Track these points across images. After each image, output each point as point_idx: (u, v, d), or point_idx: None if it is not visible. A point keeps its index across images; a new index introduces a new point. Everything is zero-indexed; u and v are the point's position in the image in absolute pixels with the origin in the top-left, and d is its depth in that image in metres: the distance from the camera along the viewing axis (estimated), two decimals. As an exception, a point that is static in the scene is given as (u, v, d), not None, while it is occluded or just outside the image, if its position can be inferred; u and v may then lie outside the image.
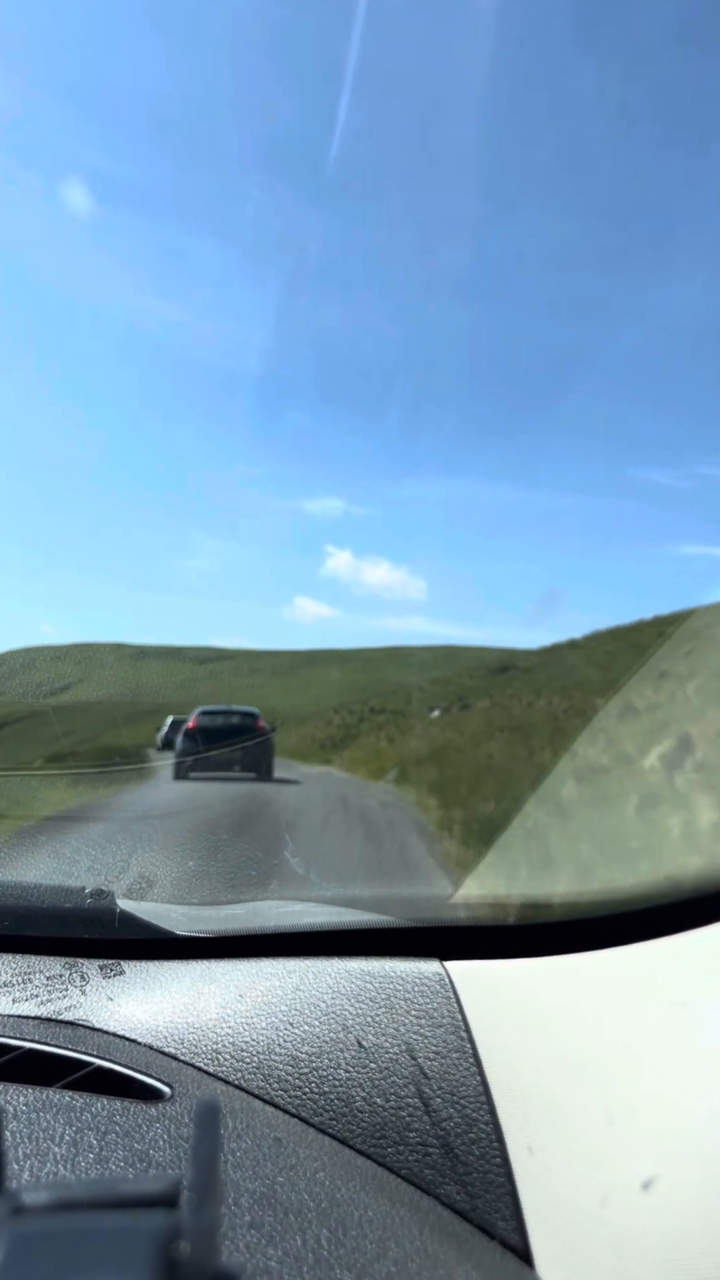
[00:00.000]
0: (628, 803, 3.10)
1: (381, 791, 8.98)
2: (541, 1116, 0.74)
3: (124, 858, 3.58)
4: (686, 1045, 0.68)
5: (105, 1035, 0.90)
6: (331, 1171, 0.71)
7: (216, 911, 1.21)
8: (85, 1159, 0.67)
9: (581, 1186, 0.66)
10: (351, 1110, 0.80)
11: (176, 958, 1.01)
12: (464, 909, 1.17)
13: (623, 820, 2.62)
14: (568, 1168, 0.69)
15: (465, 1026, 0.84)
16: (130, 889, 1.45)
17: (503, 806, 6.86)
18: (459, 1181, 0.74)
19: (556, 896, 1.08)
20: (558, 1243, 0.67)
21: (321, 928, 1.04)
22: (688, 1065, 0.66)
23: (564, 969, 0.85)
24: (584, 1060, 0.73)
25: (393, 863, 4.84)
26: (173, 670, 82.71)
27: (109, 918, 1.03)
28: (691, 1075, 0.65)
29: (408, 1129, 0.78)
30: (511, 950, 0.91)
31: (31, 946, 1.04)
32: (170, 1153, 0.69)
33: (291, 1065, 0.85)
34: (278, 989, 0.93)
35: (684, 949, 0.78)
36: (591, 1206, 0.64)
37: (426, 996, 0.88)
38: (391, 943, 0.98)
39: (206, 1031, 0.89)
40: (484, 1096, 0.78)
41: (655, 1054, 0.69)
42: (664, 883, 0.89)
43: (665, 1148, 0.63)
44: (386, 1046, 0.84)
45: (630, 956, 0.81)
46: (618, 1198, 0.63)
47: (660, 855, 1.93)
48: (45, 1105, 0.74)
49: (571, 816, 2.50)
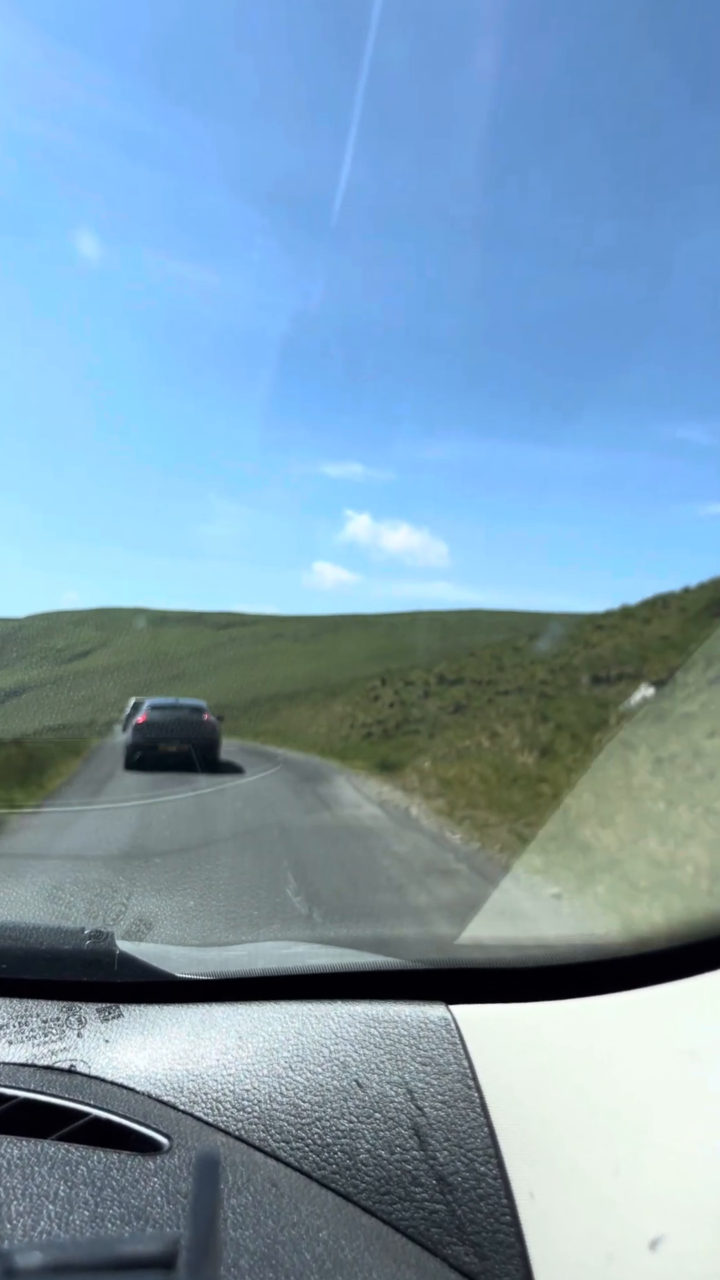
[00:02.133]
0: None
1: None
2: (549, 1169, 0.72)
3: (123, 899, 3.49)
4: (696, 1096, 0.67)
5: (102, 1083, 0.87)
6: (335, 1230, 0.68)
7: (218, 953, 1.18)
8: (80, 1216, 0.65)
9: (588, 1244, 0.64)
10: (355, 1164, 0.77)
11: (176, 1001, 0.99)
12: (470, 950, 1.15)
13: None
14: (574, 1224, 0.67)
15: (472, 1074, 0.82)
16: (129, 930, 1.34)
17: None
18: (467, 1241, 0.71)
19: (564, 939, 1.06)
20: (561, 1263, 0.64)
21: (324, 970, 1.01)
22: (697, 1118, 0.65)
23: (572, 1013, 0.83)
24: (592, 1111, 0.72)
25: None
26: (193, 636, 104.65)
27: (108, 960, 1.00)
28: (701, 1129, 0.64)
29: (414, 1184, 0.75)
30: (519, 993, 0.89)
31: (29, 989, 1.01)
32: (168, 1209, 0.66)
33: (294, 1115, 0.82)
34: (279, 1034, 0.90)
35: (694, 993, 0.77)
36: (598, 1265, 0.62)
37: (432, 1042, 0.86)
38: (396, 985, 0.96)
39: (206, 1079, 0.87)
40: (492, 1149, 0.76)
41: (665, 1104, 0.68)
42: (674, 926, 0.86)
43: (673, 1206, 0.62)
44: (391, 1096, 0.82)
45: (640, 1001, 0.80)
46: (624, 1256, 0.61)
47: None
48: (40, 1158, 0.72)
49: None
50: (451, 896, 4.34)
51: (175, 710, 12.03)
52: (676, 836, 4.89)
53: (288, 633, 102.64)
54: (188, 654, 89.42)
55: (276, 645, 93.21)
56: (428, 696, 21.38)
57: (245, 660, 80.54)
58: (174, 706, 12.20)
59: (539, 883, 4.36)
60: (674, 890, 4.02)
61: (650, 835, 4.91)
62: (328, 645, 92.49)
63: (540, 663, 16.96)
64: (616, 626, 16.86)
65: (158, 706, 11.97)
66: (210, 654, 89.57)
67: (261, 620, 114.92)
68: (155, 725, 11.56)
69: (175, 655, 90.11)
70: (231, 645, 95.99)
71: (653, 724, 8.02)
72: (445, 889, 4.54)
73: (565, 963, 0.92)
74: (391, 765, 12.05)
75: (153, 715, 11.69)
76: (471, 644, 32.99)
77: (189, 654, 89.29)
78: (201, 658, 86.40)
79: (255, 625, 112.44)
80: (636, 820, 5.26)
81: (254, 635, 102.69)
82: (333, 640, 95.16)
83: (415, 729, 17.29)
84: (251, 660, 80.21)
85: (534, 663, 17.51)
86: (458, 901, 4.22)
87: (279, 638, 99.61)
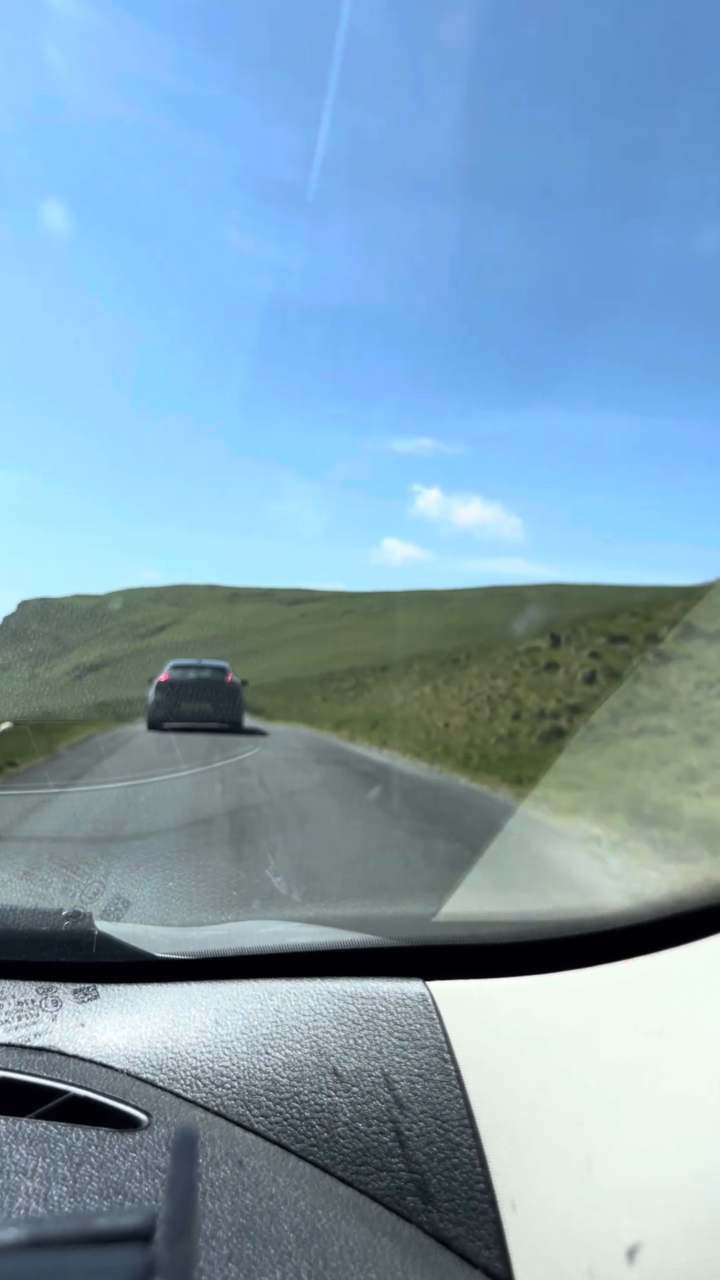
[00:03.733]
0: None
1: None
2: (523, 1140, 0.74)
3: (100, 878, 3.36)
4: (667, 1068, 0.69)
5: (81, 1062, 0.88)
6: (312, 1200, 0.70)
7: (197, 933, 1.18)
8: (59, 1192, 0.66)
9: (559, 1207, 0.67)
10: (333, 1136, 0.79)
11: (155, 980, 1.00)
12: (447, 927, 1.17)
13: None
14: (546, 1190, 0.69)
15: (448, 1048, 0.83)
16: (107, 910, 1.38)
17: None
18: (441, 1209, 0.73)
19: (539, 914, 1.08)
20: (541, 1271, 0.66)
21: (303, 948, 1.01)
22: (668, 1089, 0.68)
23: (548, 988, 0.85)
24: (567, 1082, 0.75)
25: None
26: (265, 612, 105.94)
27: (86, 940, 1.00)
28: (672, 1100, 0.67)
29: (390, 1155, 0.77)
30: (495, 969, 0.91)
31: (5, 970, 1.01)
32: (147, 1184, 0.68)
33: (272, 1090, 0.83)
34: (258, 1012, 0.91)
35: (666, 967, 0.79)
36: (569, 1226, 0.65)
37: (409, 1018, 0.87)
38: (374, 963, 0.97)
39: (185, 1057, 0.87)
40: (467, 1120, 0.77)
41: (639, 1075, 0.71)
42: (648, 899, 0.87)
43: (646, 1171, 0.64)
44: (369, 1070, 0.83)
45: (617, 974, 0.82)
46: (593, 1219, 0.64)
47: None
48: (18, 1136, 0.73)
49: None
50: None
51: (199, 670, 12.02)
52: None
53: (359, 608, 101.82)
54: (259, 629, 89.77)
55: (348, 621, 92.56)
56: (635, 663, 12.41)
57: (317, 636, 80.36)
58: (196, 667, 12.16)
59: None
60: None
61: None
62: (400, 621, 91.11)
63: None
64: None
65: (179, 666, 11.95)
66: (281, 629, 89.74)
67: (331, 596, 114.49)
68: (177, 685, 11.50)
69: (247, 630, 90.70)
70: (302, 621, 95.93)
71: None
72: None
73: (541, 938, 0.94)
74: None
75: (174, 675, 11.65)
76: (558, 619, 29.73)
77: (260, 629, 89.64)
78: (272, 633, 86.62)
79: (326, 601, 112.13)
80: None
81: (325, 611, 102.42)
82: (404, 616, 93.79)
83: (657, 723, 8.42)
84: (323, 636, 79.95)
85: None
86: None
87: (350, 613, 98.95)
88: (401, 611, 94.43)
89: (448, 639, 47.37)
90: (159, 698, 11.35)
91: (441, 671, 20.21)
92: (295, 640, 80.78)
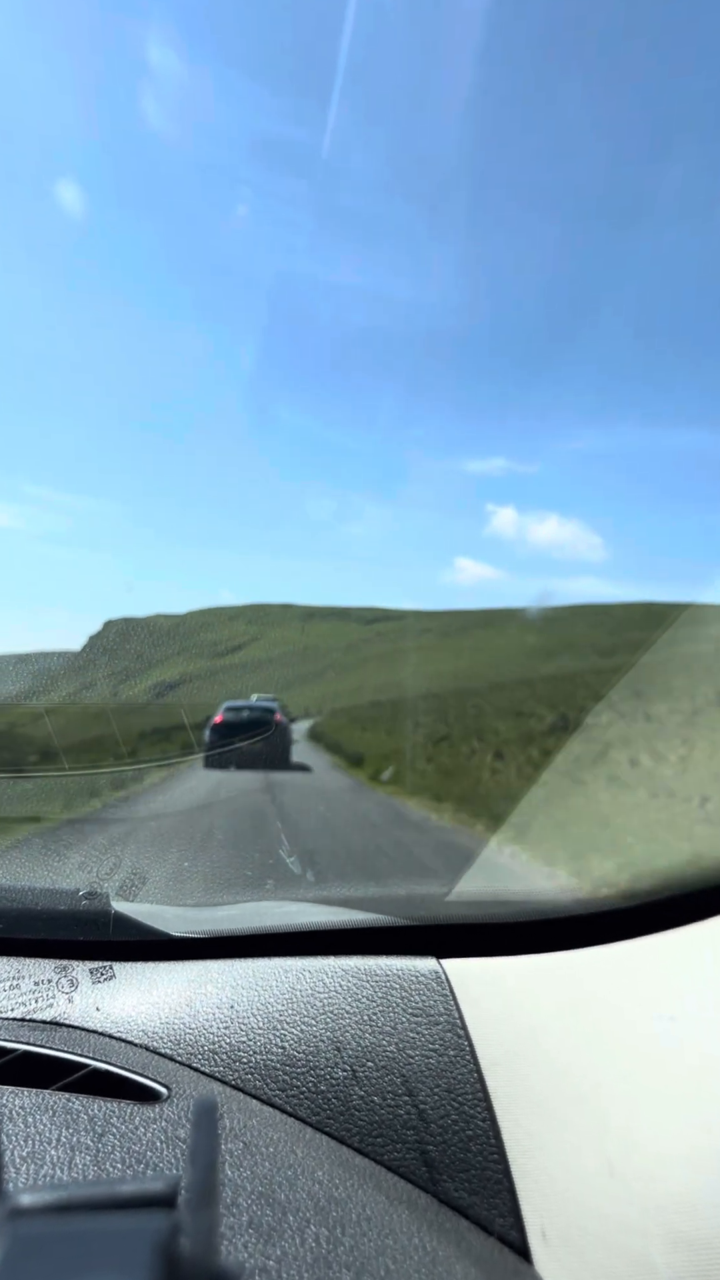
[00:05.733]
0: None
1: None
2: (538, 1113, 0.75)
3: (116, 855, 3.44)
4: (680, 1046, 0.70)
5: (101, 1037, 0.90)
6: (329, 1170, 0.71)
7: (212, 913, 1.19)
8: (83, 1161, 0.68)
9: (574, 1176, 0.69)
10: (349, 1110, 0.80)
11: (171, 959, 1.01)
12: (460, 906, 1.18)
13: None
14: (561, 1160, 0.71)
15: (462, 1024, 0.84)
16: (123, 888, 1.40)
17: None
18: (457, 1179, 0.74)
19: (552, 892, 1.08)
20: (556, 1239, 0.66)
21: (317, 927, 1.03)
22: (681, 1066, 0.69)
23: (561, 965, 0.86)
24: (581, 1056, 0.75)
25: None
26: (340, 631, 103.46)
27: (103, 920, 1.02)
28: (685, 1076, 0.68)
29: (405, 1126, 0.78)
30: (508, 947, 0.91)
31: (24, 949, 1.03)
32: (168, 1153, 0.70)
33: (288, 1065, 0.85)
34: (274, 988, 0.93)
35: (677, 945, 0.80)
36: (583, 1194, 0.66)
37: (423, 994, 0.88)
38: (387, 941, 0.98)
39: (202, 1032, 0.89)
40: (481, 1094, 0.78)
41: (652, 1051, 0.71)
42: (662, 876, 0.87)
43: (661, 1150, 0.65)
44: (383, 1045, 0.84)
45: (629, 952, 0.82)
46: (607, 1191, 0.65)
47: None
48: (42, 1108, 0.74)
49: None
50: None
51: (251, 711, 12.72)
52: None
53: (436, 627, 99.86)
54: (335, 648, 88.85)
55: (425, 640, 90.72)
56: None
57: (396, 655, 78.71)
58: (248, 707, 12.91)
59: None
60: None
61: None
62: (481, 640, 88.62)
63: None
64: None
65: (232, 707, 12.70)
66: (358, 648, 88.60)
67: (408, 615, 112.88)
68: (229, 725, 12.25)
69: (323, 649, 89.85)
70: (379, 640, 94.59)
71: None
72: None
73: (553, 916, 0.94)
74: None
75: (228, 715, 12.42)
76: (647, 639, 25.10)
77: (337, 648, 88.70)
78: (349, 652, 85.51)
79: (401, 619, 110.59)
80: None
81: (401, 630, 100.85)
82: (484, 635, 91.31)
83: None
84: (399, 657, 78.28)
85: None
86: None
87: (427, 632, 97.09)
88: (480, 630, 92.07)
89: (539, 659, 44.05)
90: (213, 739, 11.92)
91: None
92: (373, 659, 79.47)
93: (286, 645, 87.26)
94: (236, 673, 70.86)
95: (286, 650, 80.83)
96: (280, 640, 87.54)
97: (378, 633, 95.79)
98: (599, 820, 5.66)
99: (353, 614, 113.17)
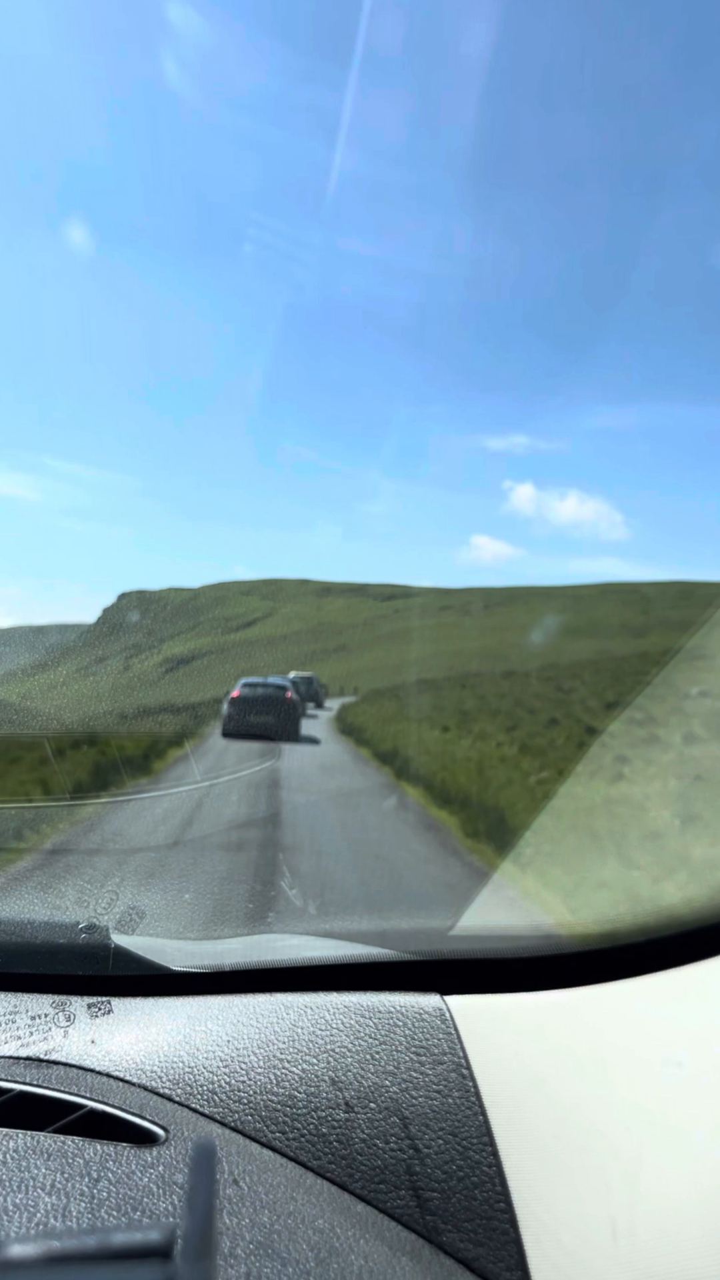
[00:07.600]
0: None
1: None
2: (544, 1157, 0.73)
3: (113, 888, 3.36)
4: (687, 1085, 0.69)
5: (99, 1076, 0.88)
6: (330, 1218, 0.69)
7: (213, 946, 1.17)
8: (77, 1207, 0.66)
9: (582, 1230, 0.67)
10: (350, 1153, 0.78)
11: (171, 994, 0.99)
12: (464, 941, 1.15)
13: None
14: (569, 1211, 0.69)
15: (466, 1064, 0.83)
16: (121, 921, 1.39)
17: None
18: (462, 1228, 0.72)
19: (555, 928, 1.07)
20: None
21: (319, 962, 1.01)
22: (689, 1104, 0.68)
23: (567, 1003, 0.84)
24: (587, 1099, 0.75)
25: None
26: (356, 607, 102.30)
27: (103, 954, 1.00)
28: (693, 1115, 0.68)
29: (408, 1173, 0.76)
30: (513, 983, 0.90)
31: (23, 983, 1.00)
32: (165, 1200, 0.68)
33: (289, 1106, 0.83)
34: (274, 1026, 0.91)
35: (681, 983, 0.79)
36: (591, 1253, 0.65)
37: (426, 1033, 0.87)
38: (390, 977, 0.96)
39: (202, 1071, 0.87)
40: (486, 1138, 0.76)
41: (659, 1091, 0.71)
42: (668, 914, 0.86)
43: (669, 1197, 0.64)
44: (386, 1085, 0.83)
45: (636, 989, 0.81)
46: (619, 1243, 0.63)
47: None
48: (37, 1150, 0.73)
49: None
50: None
51: (265, 688, 14.03)
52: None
53: (455, 605, 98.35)
54: (351, 624, 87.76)
55: (446, 617, 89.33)
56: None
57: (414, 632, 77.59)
58: (264, 684, 14.23)
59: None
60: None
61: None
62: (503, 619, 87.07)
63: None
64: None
65: (249, 684, 13.96)
66: (375, 625, 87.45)
67: (425, 592, 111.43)
68: (245, 700, 13.44)
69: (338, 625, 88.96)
70: (396, 617, 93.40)
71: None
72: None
73: (558, 953, 0.92)
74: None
75: (244, 691, 13.66)
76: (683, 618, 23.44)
77: (352, 624, 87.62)
78: (365, 629, 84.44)
79: (421, 597, 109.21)
80: None
81: (420, 607, 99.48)
82: (506, 613, 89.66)
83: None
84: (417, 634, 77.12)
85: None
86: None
87: (447, 609, 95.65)
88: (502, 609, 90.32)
89: (568, 640, 41.77)
90: (231, 711, 13.26)
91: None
92: (391, 637, 78.27)
93: (301, 621, 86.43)
94: (249, 649, 69.83)
95: (301, 627, 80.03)
96: (294, 616, 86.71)
97: (395, 609, 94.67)
98: (608, 851, 5.05)
99: (370, 590, 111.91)
